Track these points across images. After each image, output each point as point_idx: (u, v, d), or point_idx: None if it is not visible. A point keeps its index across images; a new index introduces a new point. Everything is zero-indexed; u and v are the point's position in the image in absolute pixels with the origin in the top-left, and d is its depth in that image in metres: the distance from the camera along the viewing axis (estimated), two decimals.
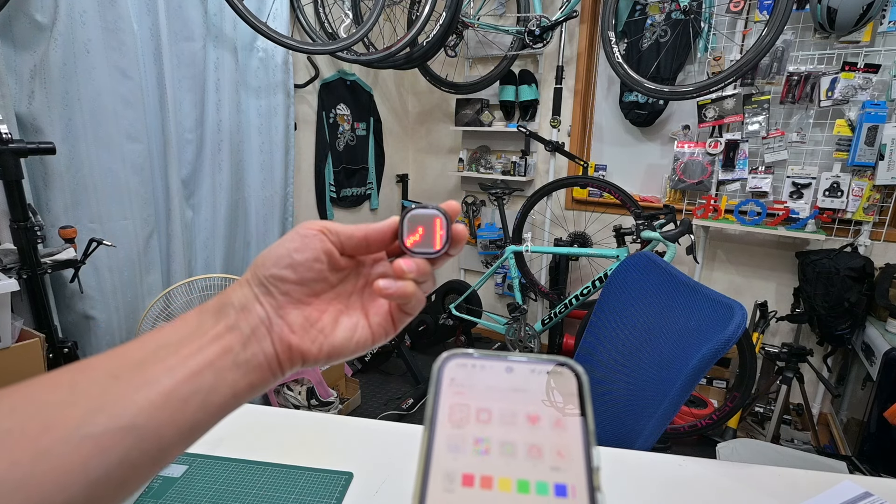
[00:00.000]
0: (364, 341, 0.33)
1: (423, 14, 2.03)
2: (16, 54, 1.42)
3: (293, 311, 0.31)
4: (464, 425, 0.20)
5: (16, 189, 1.29)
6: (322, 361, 0.32)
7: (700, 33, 2.30)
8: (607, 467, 0.75)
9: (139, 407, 0.25)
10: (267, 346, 0.30)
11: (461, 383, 0.22)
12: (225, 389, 0.28)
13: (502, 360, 0.23)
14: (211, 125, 1.98)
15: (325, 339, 0.32)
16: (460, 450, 0.19)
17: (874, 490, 0.68)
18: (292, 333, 0.31)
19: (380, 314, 0.34)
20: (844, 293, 2.04)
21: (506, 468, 0.19)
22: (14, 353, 1.24)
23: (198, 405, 0.27)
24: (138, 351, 0.28)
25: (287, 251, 0.31)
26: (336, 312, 0.33)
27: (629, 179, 2.70)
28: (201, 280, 1.75)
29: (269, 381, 0.31)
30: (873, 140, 2.00)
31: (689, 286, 0.94)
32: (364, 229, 0.33)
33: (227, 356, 0.29)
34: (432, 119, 3.24)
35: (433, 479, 0.18)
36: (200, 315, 0.30)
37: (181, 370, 0.27)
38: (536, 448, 0.20)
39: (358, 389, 2.47)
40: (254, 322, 0.30)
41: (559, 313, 2.43)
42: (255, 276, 0.31)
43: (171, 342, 0.29)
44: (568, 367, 0.22)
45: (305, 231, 0.32)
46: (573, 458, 0.19)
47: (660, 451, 0.78)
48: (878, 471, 1.75)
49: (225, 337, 0.29)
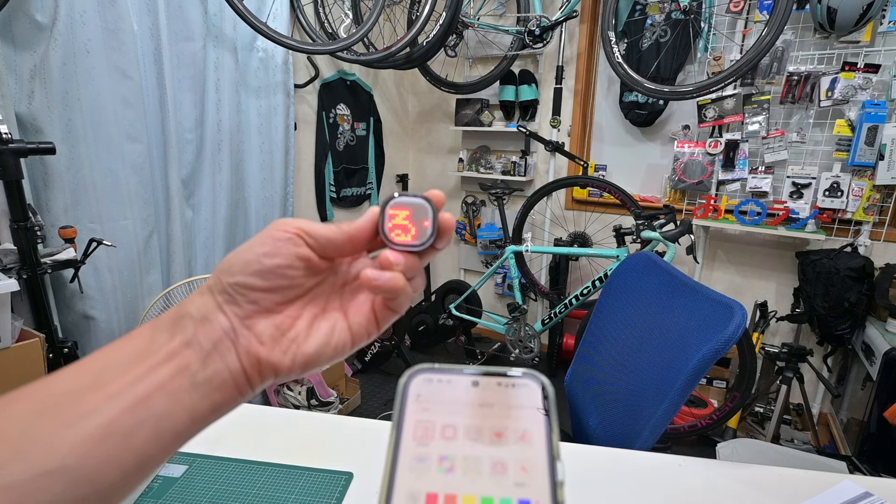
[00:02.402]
0: (343, 345, 0.30)
1: (423, 14, 2.03)
2: (16, 54, 1.42)
3: (262, 321, 0.28)
4: (428, 442, 0.20)
5: (16, 189, 1.29)
6: (296, 373, 0.29)
7: (700, 33, 2.30)
8: (607, 467, 0.75)
9: (70, 446, 0.22)
10: (232, 360, 0.27)
11: (427, 399, 0.22)
12: (181, 415, 0.25)
13: (468, 374, 0.22)
14: (211, 125, 1.98)
15: (298, 349, 0.28)
16: (424, 468, 0.19)
17: (874, 490, 0.68)
18: (261, 345, 0.28)
19: (361, 313, 0.30)
20: (844, 293, 2.04)
21: (470, 486, 0.19)
22: (14, 353, 1.24)
23: (147, 436, 0.24)
24: (76, 377, 0.24)
25: (256, 256, 0.27)
26: (311, 317, 0.30)
27: (629, 179, 2.70)
28: (201, 280, 1.75)
29: (236, 400, 0.27)
30: (873, 140, 2.00)
31: (689, 286, 0.94)
32: (346, 231, 0.29)
33: (183, 376, 0.25)
34: (432, 119, 3.24)
35: (396, 500, 0.18)
36: (153, 330, 0.27)
37: (125, 397, 0.24)
38: (501, 464, 0.19)
39: (358, 389, 2.47)
40: (216, 335, 0.27)
41: (559, 313, 2.43)
42: (219, 283, 0.27)
43: (115, 364, 0.25)
44: (533, 379, 0.22)
45: (278, 233, 0.28)
46: (537, 472, 0.19)
47: (660, 451, 0.78)
48: (878, 471, 1.75)
49: (181, 354, 0.26)
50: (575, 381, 1.20)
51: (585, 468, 0.74)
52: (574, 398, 1.18)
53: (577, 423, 1.13)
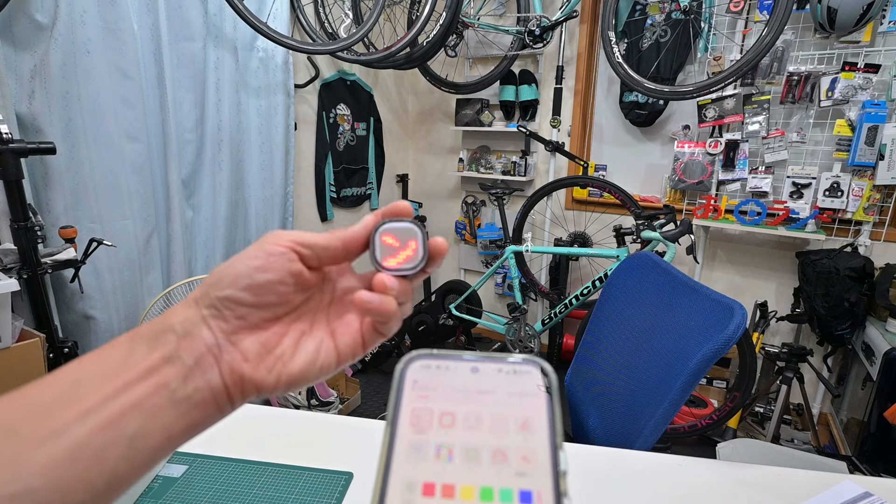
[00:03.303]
0: (328, 365, 0.29)
1: (423, 14, 2.03)
2: (16, 54, 1.42)
3: (248, 338, 0.27)
4: (426, 430, 0.19)
5: (16, 189, 1.29)
6: (280, 391, 0.28)
7: (700, 33, 2.30)
8: (607, 467, 0.75)
9: (36, 467, 0.21)
10: (213, 377, 0.26)
11: (424, 385, 0.21)
12: (157, 433, 0.24)
13: (467, 360, 0.22)
14: (211, 125, 1.98)
15: (283, 368, 0.28)
16: (421, 457, 0.19)
17: (874, 490, 0.68)
18: (245, 362, 0.27)
19: (348, 333, 0.30)
20: (844, 293, 2.04)
21: (469, 475, 0.18)
22: (14, 353, 1.25)
23: (119, 456, 0.23)
24: (47, 391, 0.23)
25: (248, 270, 0.27)
26: (297, 334, 0.29)
27: (629, 179, 2.70)
28: (201, 280, 1.75)
29: (215, 418, 0.26)
30: (873, 140, 2.00)
31: (689, 286, 0.94)
32: (341, 237, 0.29)
33: (161, 394, 0.24)
34: (432, 119, 3.24)
35: (392, 488, 0.18)
36: (132, 342, 0.25)
37: (98, 415, 0.23)
38: (501, 453, 0.19)
39: (358, 389, 2.47)
40: (198, 351, 0.26)
41: (559, 313, 2.43)
42: (206, 295, 0.27)
43: (90, 377, 0.24)
44: (535, 366, 0.21)
45: (271, 248, 0.27)
46: (539, 462, 0.18)
47: (660, 451, 0.78)
48: (878, 471, 1.75)
49: (161, 370, 0.25)
50: (575, 382, 1.20)
51: (585, 468, 0.74)
52: (574, 398, 1.18)
53: (577, 424, 1.13)
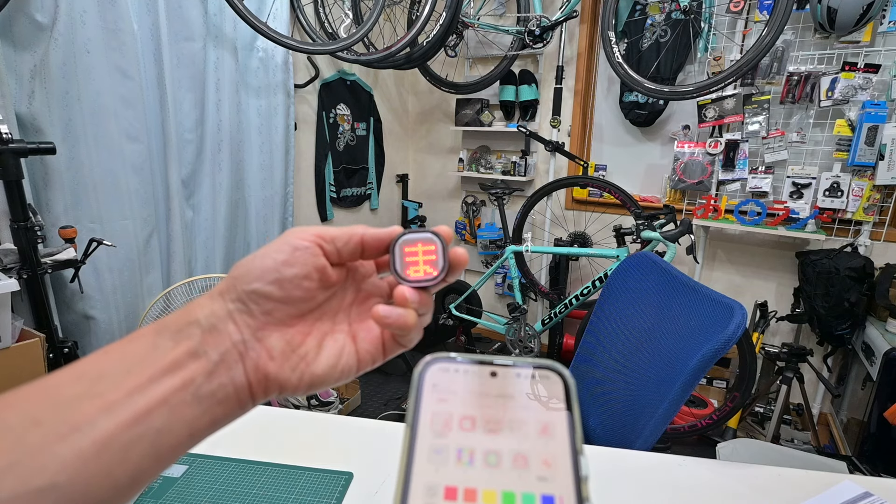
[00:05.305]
0: (349, 368, 0.29)
1: (423, 14, 2.03)
2: (16, 54, 1.42)
3: (274, 334, 0.27)
4: (446, 434, 0.19)
5: (16, 189, 1.29)
6: (301, 391, 0.28)
7: (700, 33, 2.30)
8: (607, 467, 0.75)
9: (62, 462, 0.21)
10: (238, 374, 0.26)
11: (444, 389, 0.21)
12: (180, 429, 0.24)
13: (486, 364, 0.22)
14: (211, 125, 1.98)
15: (306, 367, 0.28)
16: (442, 461, 0.19)
17: (874, 490, 0.68)
18: (271, 360, 0.27)
19: (369, 340, 0.30)
20: (844, 293, 2.04)
21: (490, 480, 0.18)
22: (14, 353, 1.24)
23: (144, 451, 0.22)
24: (73, 383, 0.23)
25: (275, 263, 0.26)
26: (320, 335, 0.29)
27: (629, 179, 2.70)
28: (201, 280, 1.75)
29: (235, 415, 0.26)
30: (873, 140, 2.00)
31: (689, 286, 0.94)
32: (360, 233, 0.29)
33: (187, 389, 0.24)
34: (432, 119, 3.24)
35: (413, 493, 0.18)
36: (157, 335, 0.25)
37: (124, 410, 0.22)
38: (522, 457, 0.19)
39: (358, 389, 2.47)
40: (224, 346, 0.25)
41: (559, 313, 2.43)
42: (233, 289, 0.26)
43: (115, 370, 0.23)
44: (554, 371, 0.21)
45: (297, 241, 0.27)
46: (560, 467, 0.18)
47: (660, 451, 0.78)
48: (878, 471, 1.75)
49: (186, 365, 0.24)
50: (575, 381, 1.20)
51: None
52: None
53: None
